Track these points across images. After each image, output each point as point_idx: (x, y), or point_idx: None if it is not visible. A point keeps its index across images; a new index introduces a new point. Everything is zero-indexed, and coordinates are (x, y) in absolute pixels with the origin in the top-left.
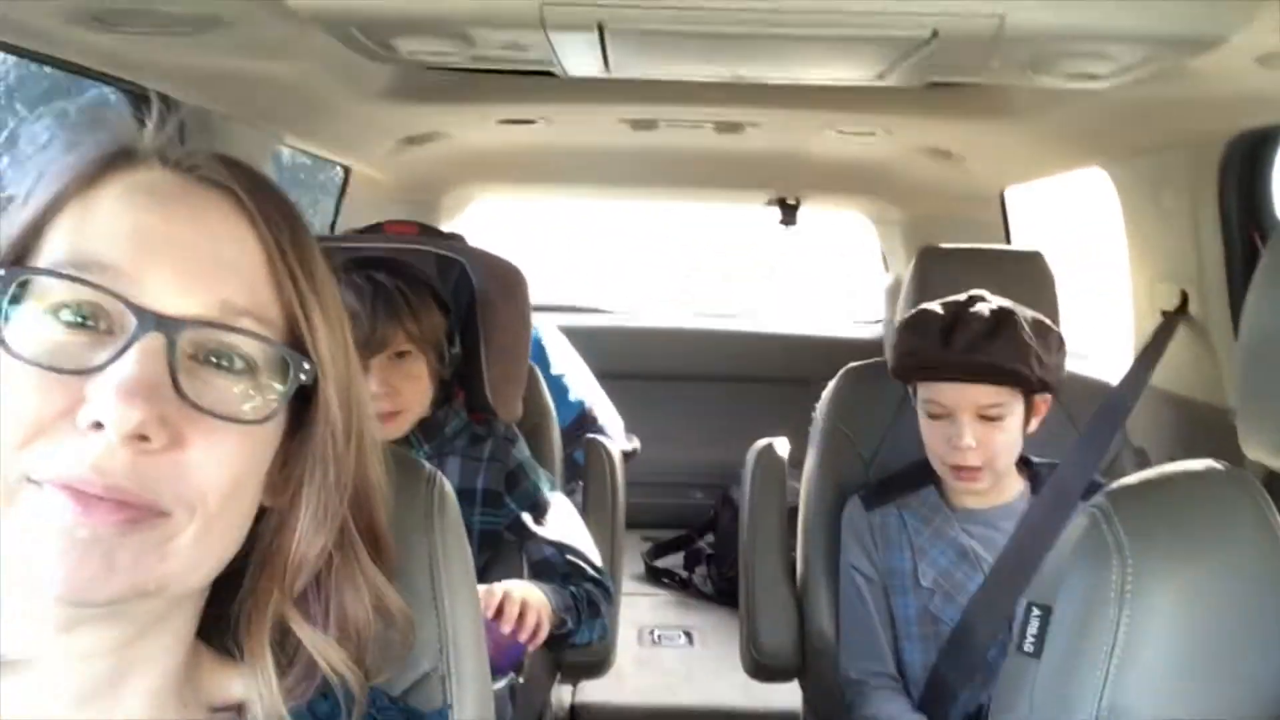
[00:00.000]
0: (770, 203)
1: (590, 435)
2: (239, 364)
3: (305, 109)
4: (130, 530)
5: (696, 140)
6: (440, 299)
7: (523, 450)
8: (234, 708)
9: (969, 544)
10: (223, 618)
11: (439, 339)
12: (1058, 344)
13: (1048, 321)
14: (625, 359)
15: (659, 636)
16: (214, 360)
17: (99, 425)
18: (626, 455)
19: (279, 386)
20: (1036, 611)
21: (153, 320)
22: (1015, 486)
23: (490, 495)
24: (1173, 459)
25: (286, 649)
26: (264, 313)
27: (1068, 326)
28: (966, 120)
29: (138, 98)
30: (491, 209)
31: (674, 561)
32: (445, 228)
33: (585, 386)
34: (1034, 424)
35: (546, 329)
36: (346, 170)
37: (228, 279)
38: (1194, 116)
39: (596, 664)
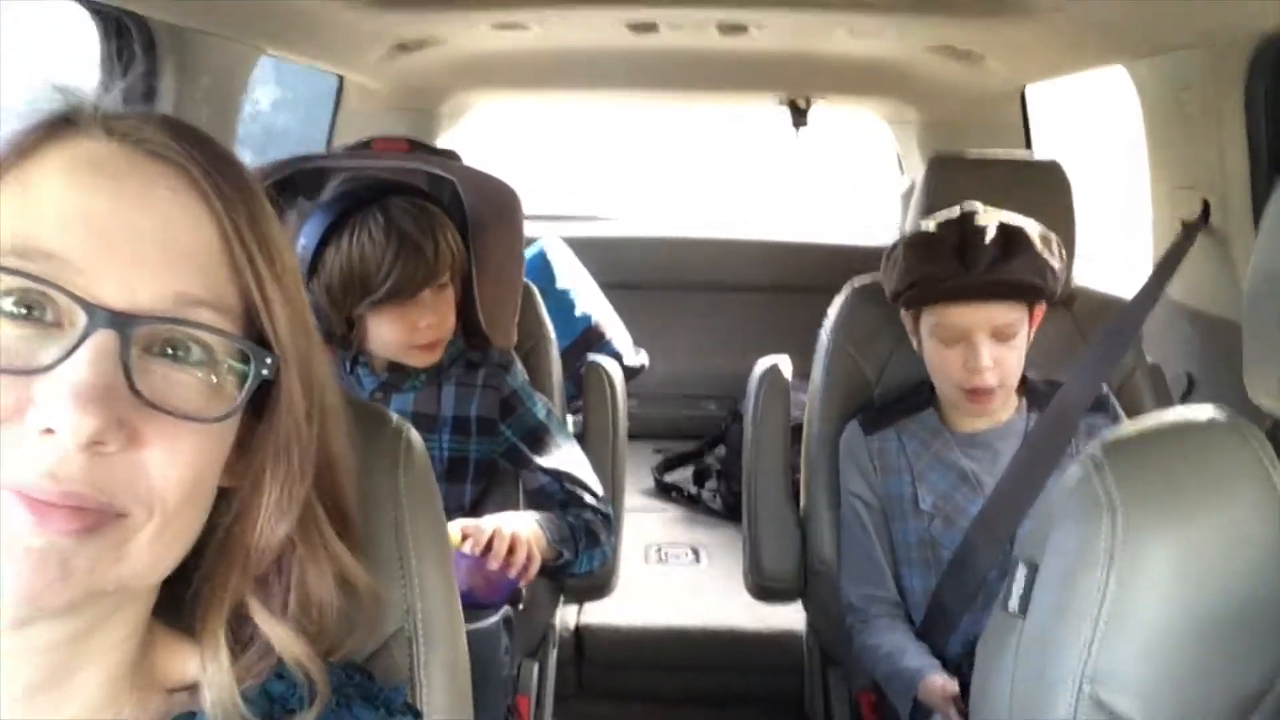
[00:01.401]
0: (780, 104)
1: (591, 356)
2: (196, 354)
3: (288, 18)
4: (87, 536)
5: (700, 41)
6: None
7: (518, 376)
8: (190, 687)
9: (969, 467)
10: (178, 595)
11: (464, 265)
12: (1059, 251)
13: (1044, 229)
14: (635, 269)
15: (666, 554)
16: (169, 352)
17: (50, 430)
18: (634, 371)
19: (239, 373)
20: (1023, 569)
21: (105, 317)
22: (1012, 406)
23: (485, 423)
24: (1189, 376)
25: (244, 629)
26: (222, 301)
27: (1085, 238)
28: (982, 16)
29: (108, 20)
30: (493, 117)
31: (683, 476)
32: (445, 137)
33: (592, 301)
34: (1032, 333)
35: (551, 243)
36: (340, 79)
37: (183, 268)
38: (1220, 12)
39: (599, 586)
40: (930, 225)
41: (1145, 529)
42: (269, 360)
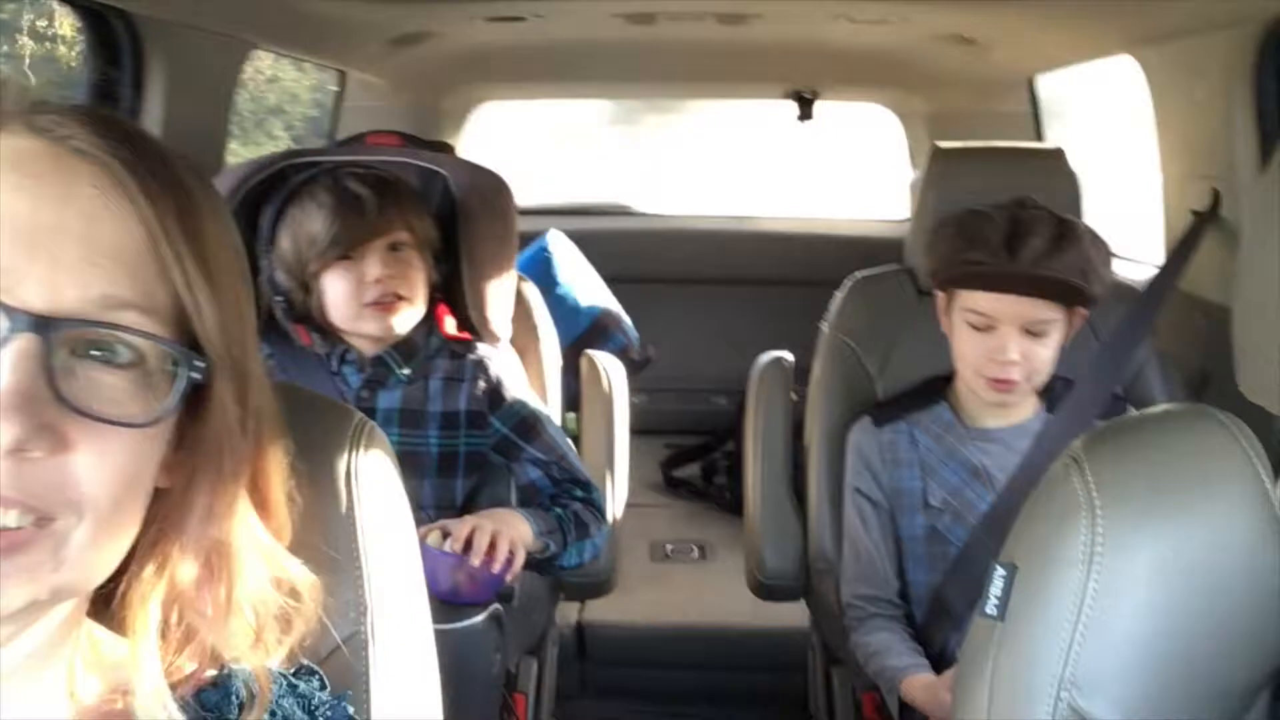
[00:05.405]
0: (786, 96)
1: (589, 351)
2: (124, 355)
3: (280, 12)
4: (17, 552)
5: (700, 33)
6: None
7: (505, 365)
8: (125, 692)
9: (982, 463)
10: (112, 596)
11: (434, 242)
12: (1107, 258)
13: (1095, 231)
14: (645, 262)
15: (671, 551)
16: (96, 354)
17: None
18: (642, 364)
19: (169, 375)
20: (1001, 571)
21: (26, 321)
22: (1030, 404)
23: (474, 416)
24: (1202, 370)
25: (178, 633)
26: (150, 302)
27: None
28: (986, 4)
29: (93, 17)
30: (504, 111)
31: (693, 472)
32: (450, 135)
33: (597, 295)
34: (1071, 336)
35: (554, 240)
36: (342, 75)
37: (108, 269)
38: None
39: (598, 584)
40: (984, 209)
41: (1126, 529)
42: (199, 363)
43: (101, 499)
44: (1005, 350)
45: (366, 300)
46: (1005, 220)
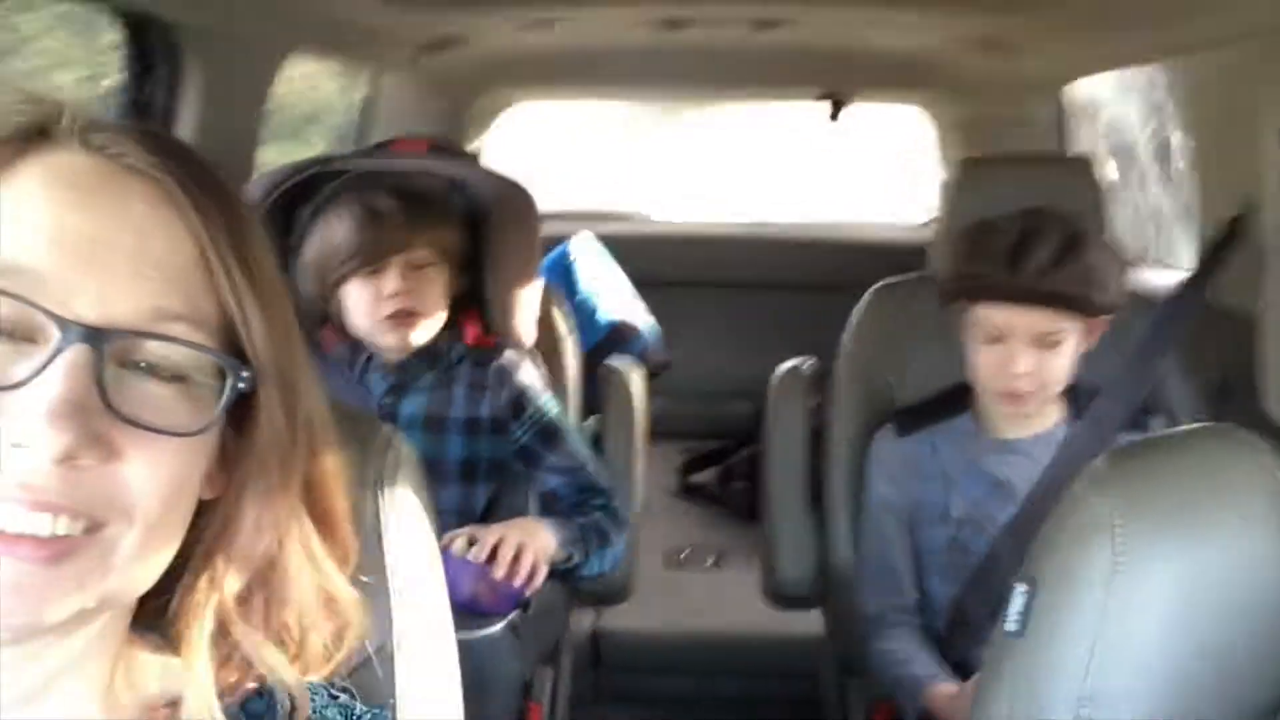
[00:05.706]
0: (817, 98)
1: (609, 360)
2: (173, 366)
3: (315, 18)
4: (64, 560)
5: (733, 37)
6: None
7: (529, 373)
8: (170, 702)
9: (1004, 474)
10: (160, 605)
11: (460, 254)
12: (1122, 267)
13: (1109, 240)
14: (669, 266)
15: (686, 559)
16: (145, 365)
17: (20, 445)
18: (662, 366)
19: (216, 386)
20: (1022, 587)
21: (78, 332)
22: (1054, 414)
23: (497, 423)
24: (1226, 381)
25: (225, 643)
26: (198, 314)
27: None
28: (1021, 10)
29: (132, 23)
30: (531, 115)
31: (710, 477)
32: (476, 136)
33: (617, 303)
34: (1091, 344)
35: (578, 247)
36: (374, 78)
37: (158, 282)
38: (1264, 5)
39: (615, 592)
40: (996, 220)
41: (1147, 547)
42: (244, 374)
43: (152, 506)
44: (1016, 363)
45: (383, 314)
46: (1014, 232)
